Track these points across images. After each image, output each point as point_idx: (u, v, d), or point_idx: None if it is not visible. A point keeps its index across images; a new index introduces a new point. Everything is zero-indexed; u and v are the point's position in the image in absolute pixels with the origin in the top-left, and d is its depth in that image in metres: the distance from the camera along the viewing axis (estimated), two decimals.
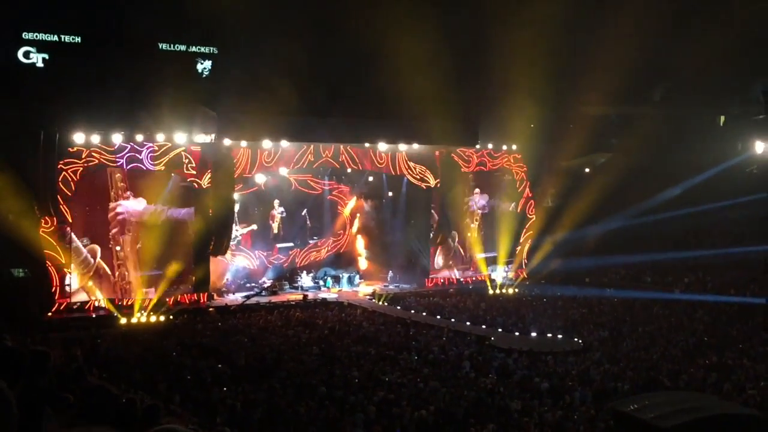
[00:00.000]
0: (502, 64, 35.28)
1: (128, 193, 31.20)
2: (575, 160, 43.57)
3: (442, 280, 39.92)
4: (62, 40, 33.51)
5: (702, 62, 37.43)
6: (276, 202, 38.70)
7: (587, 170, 46.08)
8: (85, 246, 30.64)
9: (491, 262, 40.30)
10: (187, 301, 32.45)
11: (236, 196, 35.27)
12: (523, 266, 41.26)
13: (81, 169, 30.24)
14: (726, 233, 38.64)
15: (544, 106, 36.07)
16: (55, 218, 29.62)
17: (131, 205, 31.27)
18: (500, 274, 40.18)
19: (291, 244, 39.92)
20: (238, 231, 37.14)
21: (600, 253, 37.78)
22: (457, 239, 40.21)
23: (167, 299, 31.57)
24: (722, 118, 47.28)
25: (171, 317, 30.23)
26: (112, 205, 30.92)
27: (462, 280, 40.36)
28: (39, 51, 32.86)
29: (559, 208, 41.25)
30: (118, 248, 31.28)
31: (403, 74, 31.56)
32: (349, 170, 38.86)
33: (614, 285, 36.74)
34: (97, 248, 30.90)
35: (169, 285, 31.89)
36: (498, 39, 35.20)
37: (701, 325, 28.00)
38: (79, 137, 30.16)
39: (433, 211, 39.52)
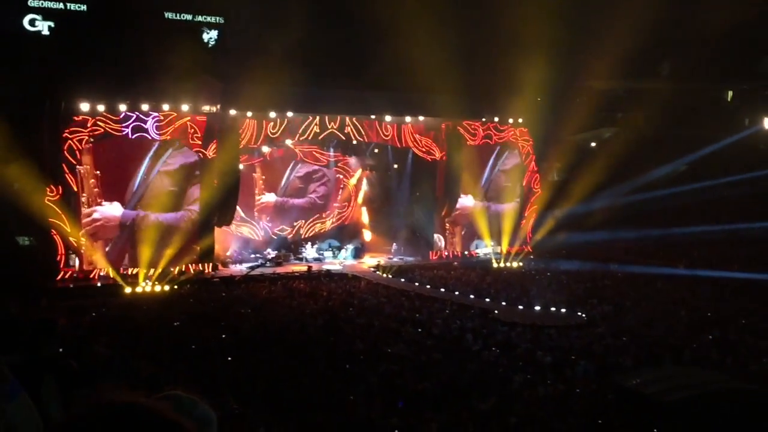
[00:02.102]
0: (510, 37, 35.04)
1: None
2: (581, 134, 43.46)
3: (446, 253, 39.92)
4: (68, 8, 33.40)
5: (710, 37, 37.18)
6: None
7: (593, 144, 45.96)
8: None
9: (495, 237, 40.27)
10: (192, 272, 32.51)
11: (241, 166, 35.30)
12: (528, 240, 41.23)
13: (86, 137, 30.25)
14: (731, 209, 38.52)
15: (551, 80, 35.83)
16: (60, 187, 29.63)
17: (108, 211, 31.23)
18: (484, 248, 40.21)
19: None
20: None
21: (605, 228, 37.69)
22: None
23: (172, 269, 31.64)
24: (730, 93, 47.07)
25: (176, 287, 30.33)
26: (86, 210, 30.84)
27: (467, 253, 40.38)
28: (45, 19, 32.80)
29: (564, 182, 41.18)
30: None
31: (410, 46, 31.40)
32: (354, 142, 38.77)
33: (618, 260, 36.68)
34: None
35: (173, 255, 31.99)
36: (506, 11, 34.98)
37: (704, 301, 27.95)
38: (84, 106, 30.14)
39: (438, 183, 39.47)
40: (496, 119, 40.15)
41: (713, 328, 23.16)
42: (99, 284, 30.32)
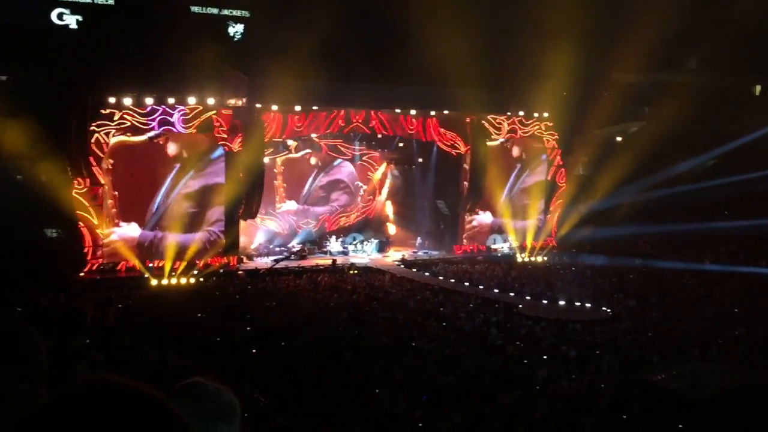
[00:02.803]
0: (535, 31, 34.89)
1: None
2: (607, 128, 43.18)
3: (471, 248, 39.85)
4: (95, 1, 33.61)
5: (738, 30, 36.83)
6: None
7: (619, 138, 45.67)
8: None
9: (520, 231, 40.14)
10: (218, 264, 32.65)
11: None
12: (553, 235, 41.06)
13: (113, 131, 30.47)
14: (759, 204, 38.19)
15: (577, 74, 35.61)
16: (87, 179, 29.86)
17: (125, 232, 31.45)
18: (501, 242, 40.11)
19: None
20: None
21: (630, 223, 37.47)
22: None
23: (197, 262, 31.81)
24: (758, 88, 46.61)
25: (201, 280, 30.50)
26: (105, 231, 30.96)
27: (491, 247, 40.30)
28: (73, 13, 33.02)
29: (590, 176, 40.96)
30: None
31: (435, 40, 31.31)
32: (379, 136, 38.75)
33: (644, 255, 36.47)
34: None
35: (199, 248, 32.17)
36: (531, 5, 34.82)
37: (731, 297, 27.76)
38: (111, 99, 30.33)
39: (463, 178, 39.37)
40: (521, 113, 39.91)
41: (739, 324, 23.01)
42: (125, 276, 30.56)
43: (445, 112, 38.08)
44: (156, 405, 1.55)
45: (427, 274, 33.07)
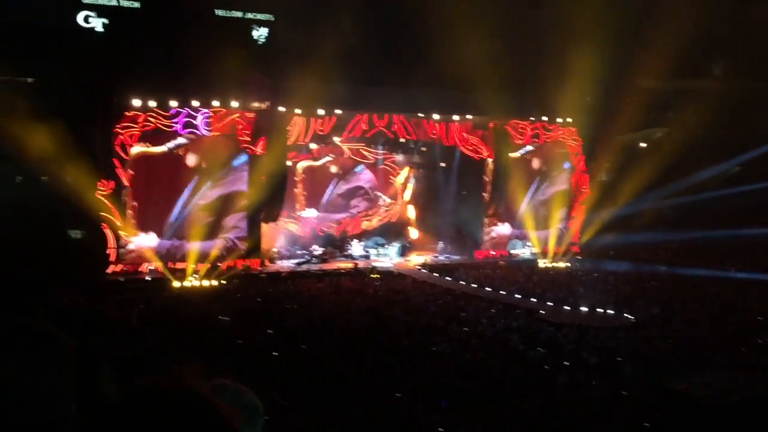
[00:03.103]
0: (559, 36, 34.76)
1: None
2: (631, 134, 42.96)
3: (492, 253, 39.76)
4: (121, 4, 33.84)
5: (765, 35, 36.54)
6: None
7: (643, 144, 45.42)
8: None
9: (542, 240, 40.00)
10: (239, 267, 32.76)
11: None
12: (575, 240, 40.88)
13: (138, 133, 30.65)
14: None
15: (601, 79, 35.46)
16: (111, 181, 30.05)
17: (143, 242, 31.57)
18: (521, 248, 40.01)
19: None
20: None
21: (653, 229, 37.25)
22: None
23: (220, 264, 31.94)
24: None
25: (223, 282, 30.62)
26: (123, 242, 31.21)
27: (513, 253, 40.19)
28: (99, 16, 33.23)
29: (613, 182, 40.76)
30: None
31: (459, 44, 31.28)
32: (402, 140, 38.76)
33: (667, 262, 36.25)
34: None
35: (215, 254, 32.27)
36: (555, 9, 34.71)
37: (755, 304, 27.51)
38: (135, 101, 30.53)
39: (485, 183, 39.29)
40: (545, 118, 39.81)
41: (764, 332, 22.82)
42: (148, 278, 30.73)
43: (468, 116, 38.04)
44: (209, 407, 1.58)
45: (448, 278, 33.01)
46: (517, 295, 29.06)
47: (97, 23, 33.07)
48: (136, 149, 30.87)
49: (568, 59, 34.29)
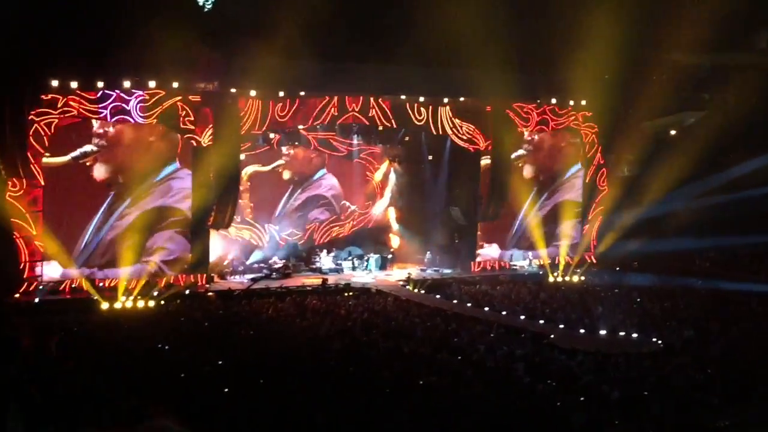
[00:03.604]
0: (572, 2, 34.96)
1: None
2: (658, 119, 43.17)
3: (491, 265, 39.85)
4: None
5: None
6: None
7: (673, 132, 45.69)
8: None
9: (551, 244, 40.17)
10: (182, 283, 32.66)
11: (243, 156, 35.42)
12: (591, 249, 41.04)
13: (56, 120, 30.45)
14: None
15: (623, 53, 35.60)
16: (24, 180, 29.83)
17: (46, 272, 31.40)
18: (519, 259, 40.22)
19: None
20: None
21: (686, 235, 37.44)
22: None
23: (157, 281, 31.82)
24: None
25: (162, 302, 30.49)
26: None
27: (516, 264, 40.31)
28: None
29: (637, 178, 40.95)
30: None
31: (449, 12, 31.36)
32: (380, 128, 38.75)
33: (703, 274, 36.42)
34: None
35: (145, 277, 32.15)
36: None
37: None
38: (53, 82, 30.32)
39: (482, 179, 39.36)
40: (554, 101, 39.93)
41: None
42: (70, 297, 30.57)
43: (461, 99, 38.09)
44: None
45: (438, 296, 33.07)
46: (521, 317, 29.13)
47: None
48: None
49: (583, 28, 34.37)
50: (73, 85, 30.56)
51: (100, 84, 31.06)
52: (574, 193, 41.14)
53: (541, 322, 28.43)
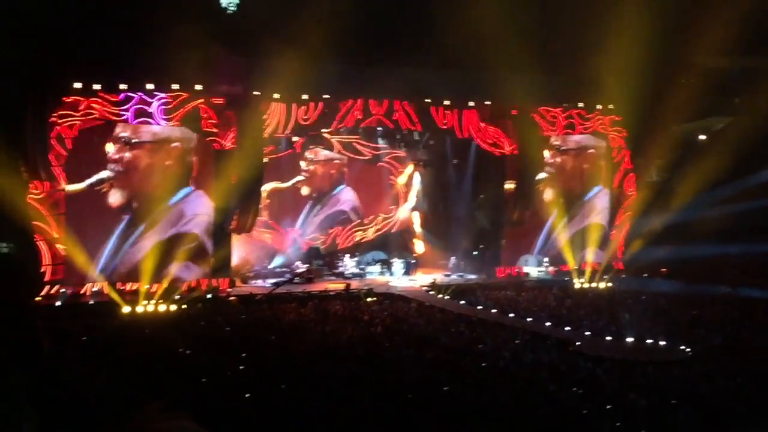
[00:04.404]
0: (598, 3, 34.83)
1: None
2: (687, 124, 42.99)
3: (517, 270, 39.77)
4: None
5: None
6: None
7: (702, 137, 45.45)
8: None
9: (577, 249, 40.01)
10: (204, 288, 32.74)
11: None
12: (619, 255, 40.86)
13: (79, 123, 30.61)
14: None
15: (651, 57, 35.45)
16: (46, 183, 29.99)
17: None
18: (533, 265, 40.05)
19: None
20: None
21: (716, 241, 37.22)
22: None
23: (179, 285, 31.91)
24: None
25: (184, 306, 30.58)
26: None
27: (528, 271, 40.15)
28: None
29: (666, 183, 40.77)
30: None
31: (475, 15, 31.33)
32: (405, 131, 38.76)
33: (733, 281, 36.19)
34: None
35: (184, 259, 32.26)
36: None
37: None
38: (76, 85, 30.48)
39: (508, 183, 39.29)
40: (581, 105, 39.83)
41: None
42: (92, 302, 30.69)
43: (487, 102, 38.04)
44: None
45: (462, 302, 32.98)
46: (547, 323, 29.03)
47: None
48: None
49: (610, 31, 34.24)
50: (96, 87, 30.71)
51: (123, 86, 31.21)
52: (599, 216, 40.95)
53: (567, 328, 28.32)
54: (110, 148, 31.74)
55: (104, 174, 31.78)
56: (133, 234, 32.34)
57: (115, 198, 32.13)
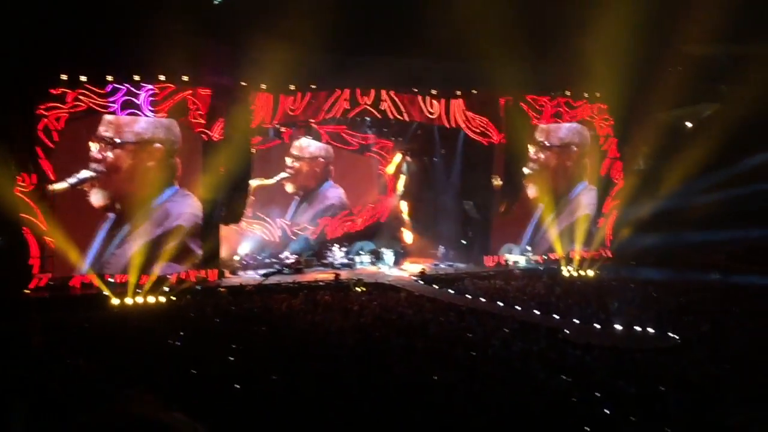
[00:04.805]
0: None
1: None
2: (674, 111, 42.99)
3: (505, 260, 39.79)
4: None
5: None
6: None
7: (689, 124, 45.51)
8: None
9: (566, 238, 40.06)
10: (193, 279, 32.71)
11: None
12: (607, 243, 40.94)
13: (66, 115, 30.49)
14: None
15: (637, 44, 35.42)
16: (34, 175, 29.89)
17: None
18: (517, 254, 40.07)
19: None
20: None
21: (704, 228, 37.29)
22: None
23: (169, 276, 31.87)
24: None
25: (173, 298, 30.54)
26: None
27: (510, 261, 40.17)
28: None
29: (652, 171, 40.82)
30: None
31: (460, 3, 31.28)
32: (392, 121, 38.73)
33: (721, 268, 36.29)
34: None
35: (170, 259, 32.22)
36: None
37: None
38: (62, 76, 30.37)
39: (495, 173, 39.29)
40: (568, 93, 39.87)
41: None
42: (80, 294, 30.63)
43: (474, 91, 38.02)
44: None
45: (451, 291, 33.04)
46: (536, 312, 29.10)
47: None
48: None
49: (598, 19, 34.23)
50: (82, 78, 30.61)
51: (110, 78, 31.11)
52: (586, 210, 41.00)
53: (556, 317, 28.39)
54: (93, 147, 31.61)
55: (86, 174, 31.64)
56: (119, 235, 32.33)
57: (96, 198, 32.04)
